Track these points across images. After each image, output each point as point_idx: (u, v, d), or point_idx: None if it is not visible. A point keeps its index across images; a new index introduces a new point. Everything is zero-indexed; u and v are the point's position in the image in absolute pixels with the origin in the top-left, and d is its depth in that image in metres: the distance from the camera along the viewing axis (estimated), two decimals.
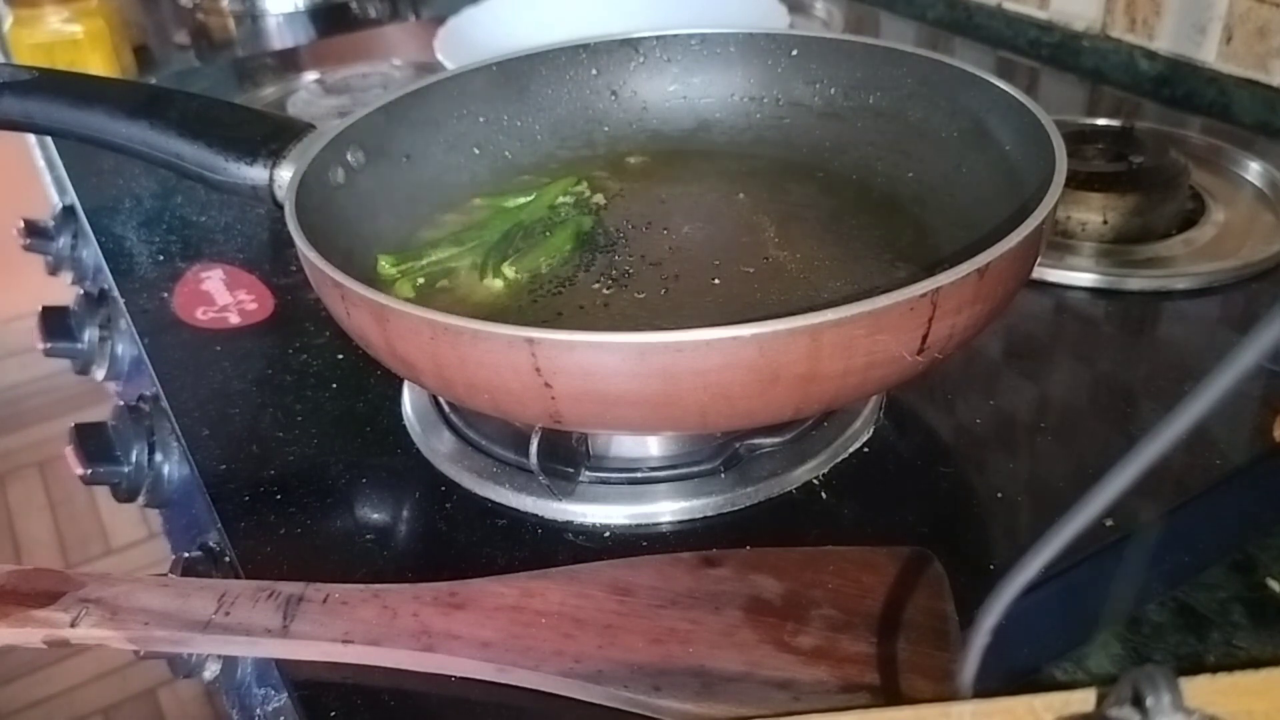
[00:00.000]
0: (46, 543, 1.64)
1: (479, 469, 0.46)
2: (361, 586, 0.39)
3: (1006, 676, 0.37)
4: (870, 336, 0.36)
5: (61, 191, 0.85)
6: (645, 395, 0.36)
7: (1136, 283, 0.59)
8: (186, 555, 0.47)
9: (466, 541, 0.44)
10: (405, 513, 0.46)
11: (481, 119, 0.57)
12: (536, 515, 0.45)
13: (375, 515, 0.46)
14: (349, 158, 0.51)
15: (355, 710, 0.37)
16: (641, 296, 0.48)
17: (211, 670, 0.46)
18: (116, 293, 0.64)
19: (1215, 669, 0.30)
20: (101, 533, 1.64)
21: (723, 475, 0.45)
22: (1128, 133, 0.67)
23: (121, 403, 0.58)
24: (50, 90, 0.52)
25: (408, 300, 0.45)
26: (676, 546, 0.42)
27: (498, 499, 0.46)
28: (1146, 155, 0.65)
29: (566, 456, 0.44)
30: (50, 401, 1.87)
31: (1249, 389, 0.49)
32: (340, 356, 0.55)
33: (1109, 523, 0.42)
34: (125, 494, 0.58)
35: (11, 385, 1.95)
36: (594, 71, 0.59)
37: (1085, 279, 0.59)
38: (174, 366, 0.56)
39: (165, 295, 0.62)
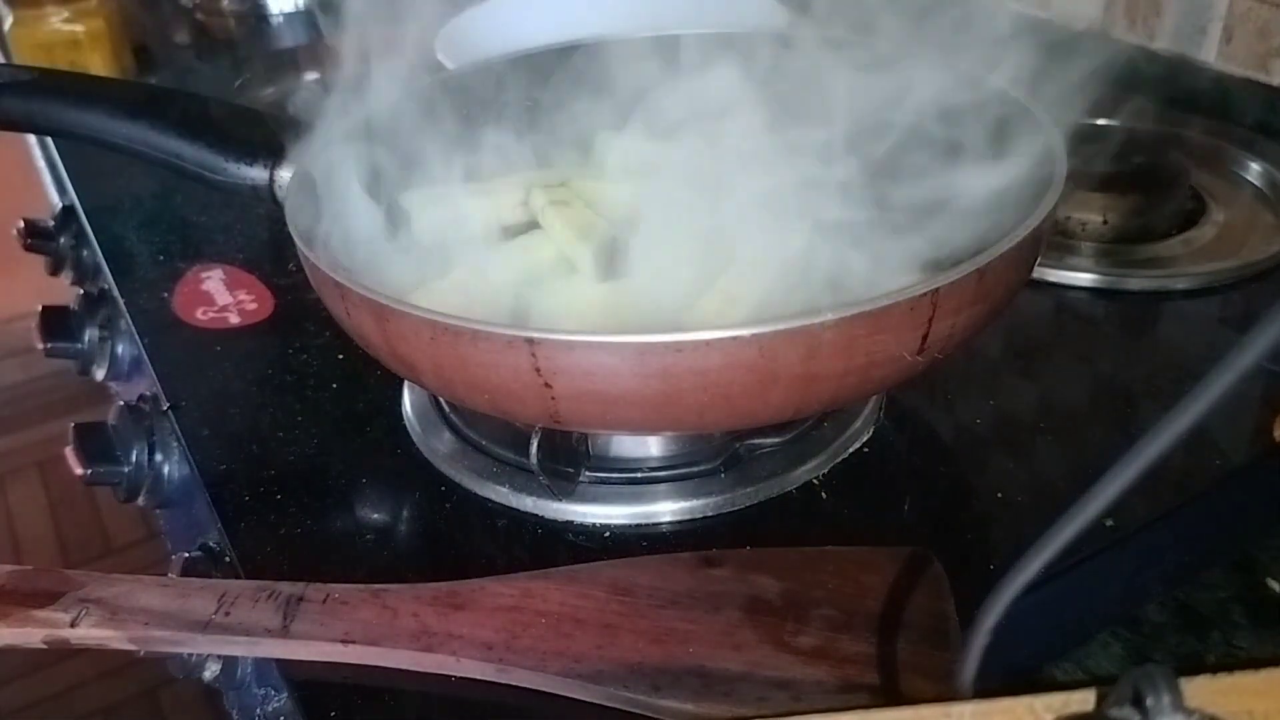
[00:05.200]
0: (46, 543, 1.64)
1: (479, 469, 0.46)
2: (361, 586, 0.39)
3: (1006, 676, 0.37)
4: (870, 336, 0.36)
5: (61, 191, 0.85)
6: (645, 395, 0.36)
7: (1136, 283, 0.59)
8: (186, 555, 0.47)
9: (466, 541, 0.44)
10: (405, 513, 0.46)
11: (481, 119, 0.57)
12: (536, 515, 0.45)
13: (375, 515, 0.46)
14: (349, 157, 0.51)
15: (355, 710, 0.37)
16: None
17: (211, 670, 0.46)
18: (116, 293, 0.64)
19: (1215, 669, 0.30)
20: (101, 533, 1.64)
21: (723, 475, 0.45)
22: (1128, 133, 0.67)
23: (121, 403, 0.58)
24: (50, 90, 0.52)
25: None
26: (676, 546, 0.42)
27: (498, 499, 0.46)
28: (1146, 155, 0.65)
29: (566, 456, 0.44)
30: (50, 401, 1.86)
31: (1249, 389, 0.49)
32: (340, 356, 0.55)
33: (1109, 523, 0.42)
34: (125, 494, 0.58)
35: (11, 385, 1.95)
36: (594, 71, 0.59)
37: (1085, 279, 0.59)
38: (174, 366, 0.56)
39: (165, 295, 0.62)
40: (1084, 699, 0.30)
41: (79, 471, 0.57)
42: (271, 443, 0.50)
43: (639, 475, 0.46)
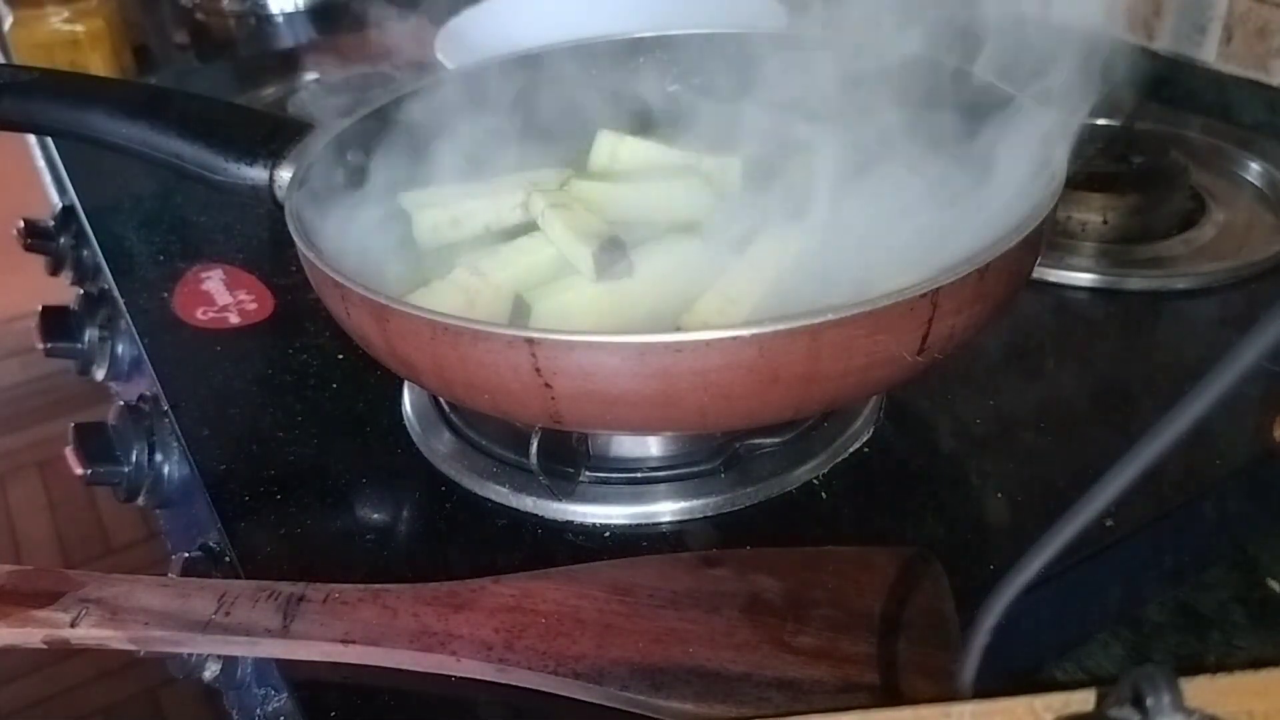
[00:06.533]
0: (46, 543, 1.64)
1: (479, 469, 0.46)
2: (361, 586, 0.39)
3: (1006, 676, 0.37)
4: (870, 336, 0.36)
5: (61, 191, 0.85)
6: (645, 395, 0.36)
7: (1136, 283, 0.59)
8: (186, 555, 0.47)
9: (466, 541, 0.44)
10: (405, 513, 0.46)
11: (480, 119, 0.57)
12: (536, 515, 0.45)
13: (375, 515, 0.46)
14: (349, 158, 0.51)
15: (355, 710, 0.37)
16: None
17: (211, 670, 0.46)
18: (116, 293, 0.64)
19: (1215, 669, 0.30)
20: (101, 533, 1.64)
21: (723, 475, 0.45)
22: (1128, 133, 0.67)
23: (121, 403, 0.58)
24: (50, 90, 0.52)
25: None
26: (676, 546, 0.42)
27: (498, 499, 0.46)
28: (1146, 155, 0.65)
29: (566, 456, 0.44)
30: (50, 401, 1.86)
31: (1249, 389, 0.49)
32: (340, 356, 0.55)
33: (1109, 523, 0.42)
34: (125, 494, 0.58)
35: (11, 385, 1.95)
36: (594, 72, 0.59)
37: (1085, 279, 0.59)
38: (174, 366, 0.56)
39: (165, 295, 0.62)
40: (1084, 699, 0.30)
41: (79, 471, 0.57)
42: (271, 443, 0.50)
43: (639, 475, 0.46)
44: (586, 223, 0.48)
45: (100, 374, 0.74)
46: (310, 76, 0.96)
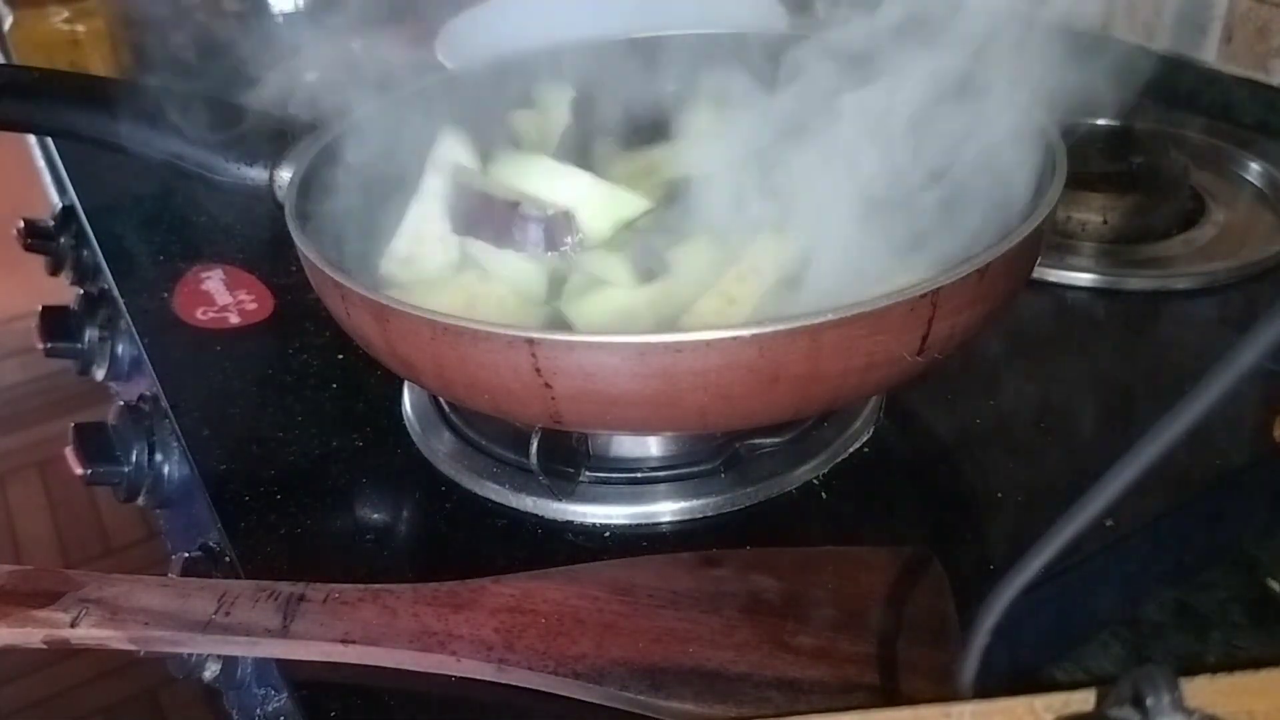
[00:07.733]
0: (46, 543, 1.64)
1: (479, 469, 0.46)
2: (361, 586, 0.39)
3: (1006, 676, 0.37)
4: (870, 337, 0.36)
5: (61, 191, 0.85)
6: (645, 395, 0.36)
7: (1136, 283, 0.59)
8: (186, 555, 0.47)
9: (466, 541, 0.44)
10: (405, 512, 0.46)
11: (481, 119, 0.57)
12: (536, 515, 0.45)
13: (375, 515, 0.46)
14: (349, 158, 0.51)
15: (355, 710, 0.37)
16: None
17: (211, 670, 0.46)
18: (116, 293, 0.64)
19: (1215, 669, 0.30)
20: (101, 533, 1.64)
21: (723, 475, 0.45)
22: (1128, 133, 0.67)
23: (121, 403, 0.58)
24: (50, 90, 0.52)
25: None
26: (676, 546, 0.42)
27: (498, 499, 0.46)
28: (1146, 155, 0.65)
29: (566, 456, 0.44)
30: (50, 401, 1.86)
31: (1249, 389, 0.49)
32: (340, 356, 0.55)
33: (1109, 523, 0.42)
34: (125, 494, 0.58)
35: (11, 385, 1.95)
36: (594, 71, 0.59)
37: (1085, 279, 0.59)
38: (174, 366, 0.56)
39: (165, 295, 0.62)
40: (1084, 699, 0.30)
41: (79, 471, 0.57)
42: (271, 443, 0.50)
43: (639, 475, 0.46)
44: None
45: (100, 374, 0.74)
46: (310, 76, 0.96)
